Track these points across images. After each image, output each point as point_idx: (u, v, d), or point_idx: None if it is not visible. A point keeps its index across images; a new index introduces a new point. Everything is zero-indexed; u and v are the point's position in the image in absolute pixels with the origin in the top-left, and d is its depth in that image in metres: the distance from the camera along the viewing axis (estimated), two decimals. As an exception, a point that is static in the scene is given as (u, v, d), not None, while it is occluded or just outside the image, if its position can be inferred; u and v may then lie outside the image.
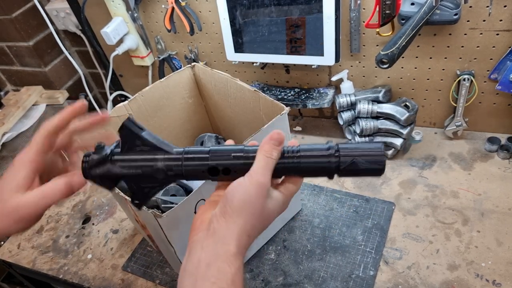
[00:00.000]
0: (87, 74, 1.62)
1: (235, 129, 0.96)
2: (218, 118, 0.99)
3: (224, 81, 0.85)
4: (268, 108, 0.79)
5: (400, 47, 0.86)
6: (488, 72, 0.93)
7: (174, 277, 0.86)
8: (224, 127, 1.01)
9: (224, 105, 0.91)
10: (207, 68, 0.87)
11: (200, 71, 0.89)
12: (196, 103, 0.96)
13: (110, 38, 1.18)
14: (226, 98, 0.88)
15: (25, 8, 1.35)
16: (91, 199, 1.11)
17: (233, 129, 0.97)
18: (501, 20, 0.85)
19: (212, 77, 0.87)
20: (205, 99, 0.96)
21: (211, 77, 0.88)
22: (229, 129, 1.00)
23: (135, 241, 0.96)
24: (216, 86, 0.87)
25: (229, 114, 0.93)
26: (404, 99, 0.98)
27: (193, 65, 0.90)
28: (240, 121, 0.91)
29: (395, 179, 0.98)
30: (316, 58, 1.02)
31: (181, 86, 0.91)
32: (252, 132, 0.71)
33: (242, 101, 0.85)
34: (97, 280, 0.89)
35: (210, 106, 0.97)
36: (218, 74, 0.85)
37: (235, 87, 0.84)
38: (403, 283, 0.77)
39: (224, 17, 1.05)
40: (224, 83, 0.85)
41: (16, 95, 1.48)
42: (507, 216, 0.84)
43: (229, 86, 0.85)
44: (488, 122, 1.02)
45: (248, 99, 0.82)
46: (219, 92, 0.88)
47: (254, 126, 0.84)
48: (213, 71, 0.86)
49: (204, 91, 0.93)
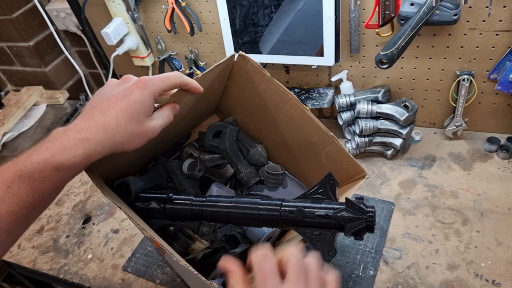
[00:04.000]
0: (87, 74, 1.62)
1: (261, 132, 0.84)
2: (240, 110, 0.84)
3: (286, 99, 0.71)
4: (335, 154, 0.70)
5: (400, 47, 0.86)
6: (488, 72, 0.93)
7: (175, 277, 0.86)
8: (244, 122, 0.86)
9: (263, 109, 0.77)
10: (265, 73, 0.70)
11: (250, 68, 0.72)
12: (220, 88, 0.80)
13: (111, 38, 1.18)
14: (275, 109, 0.75)
15: (25, 8, 1.35)
16: (92, 199, 1.11)
17: (259, 130, 0.85)
18: (500, 21, 0.85)
19: (267, 82, 0.71)
20: (232, 85, 0.78)
21: (265, 81, 0.72)
22: (249, 125, 0.86)
23: (136, 241, 0.96)
24: (266, 92, 0.73)
25: (262, 119, 0.80)
26: (403, 99, 0.98)
27: (241, 56, 0.71)
28: (278, 136, 0.80)
29: (394, 179, 0.98)
30: (316, 58, 1.02)
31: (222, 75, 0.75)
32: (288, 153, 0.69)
33: (297, 126, 0.73)
34: (97, 280, 0.89)
35: (232, 93, 0.80)
36: (281, 89, 0.70)
37: (297, 111, 0.71)
38: (403, 283, 0.77)
39: (224, 17, 1.05)
40: (284, 102, 0.72)
41: (16, 95, 1.48)
42: (506, 216, 0.84)
43: (290, 106, 0.72)
44: (488, 122, 1.02)
45: (310, 130, 0.71)
46: (268, 98, 0.74)
47: (301, 153, 0.77)
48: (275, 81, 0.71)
49: (238, 80, 0.76)
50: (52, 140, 0.51)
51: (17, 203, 0.49)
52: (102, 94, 0.57)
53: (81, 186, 1.15)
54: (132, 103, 0.54)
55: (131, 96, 0.54)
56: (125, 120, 0.53)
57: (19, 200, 0.49)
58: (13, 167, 0.49)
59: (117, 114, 0.53)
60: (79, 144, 0.51)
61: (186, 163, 0.77)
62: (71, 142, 0.51)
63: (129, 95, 0.54)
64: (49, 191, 0.51)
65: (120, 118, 0.53)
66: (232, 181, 0.84)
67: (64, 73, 1.53)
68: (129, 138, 0.55)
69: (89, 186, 1.14)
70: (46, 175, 0.49)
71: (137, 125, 0.55)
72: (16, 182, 0.48)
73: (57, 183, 0.51)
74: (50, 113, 1.45)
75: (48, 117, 1.44)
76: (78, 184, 1.16)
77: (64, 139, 0.51)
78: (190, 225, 0.72)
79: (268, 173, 0.80)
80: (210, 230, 0.70)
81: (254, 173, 0.82)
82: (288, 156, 0.82)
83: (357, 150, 1.04)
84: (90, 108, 0.55)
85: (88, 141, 0.51)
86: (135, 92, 0.55)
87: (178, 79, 0.60)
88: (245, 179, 0.81)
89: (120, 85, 0.57)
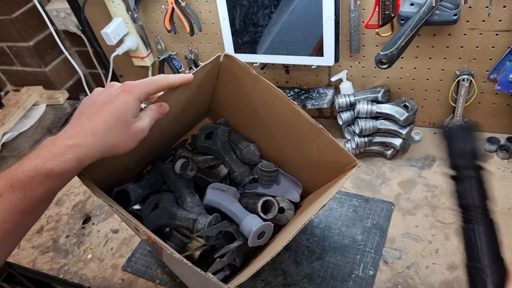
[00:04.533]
0: (87, 74, 1.62)
1: (253, 131, 0.85)
2: (231, 110, 0.85)
3: (274, 96, 0.71)
4: (326, 146, 0.70)
5: (400, 47, 0.86)
6: (488, 72, 0.93)
7: (175, 277, 0.86)
8: (235, 122, 0.87)
9: (252, 108, 0.77)
10: (252, 71, 0.71)
11: (236, 67, 0.71)
12: (209, 89, 0.80)
13: (110, 38, 1.18)
14: (264, 106, 0.75)
15: (25, 8, 1.35)
16: (91, 199, 1.11)
17: (250, 129, 0.85)
18: (500, 21, 0.85)
19: (254, 80, 0.71)
20: (220, 86, 0.79)
21: (251, 79, 0.72)
22: (238, 122, 0.86)
23: (135, 241, 0.96)
24: (254, 91, 0.74)
25: (253, 117, 0.80)
26: (403, 99, 0.98)
27: (227, 56, 0.70)
28: (271, 130, 0.80)
29: (394, 179, 0.98)
30: (315, 58, 1.02)
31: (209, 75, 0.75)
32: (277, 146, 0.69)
33: (286, 121, 0.74)
34: (97, 280, 0.89)
35: (221, 94, 0.80)
36: (268, 86, 0.70)
37: (285, 106, 0.71)
38: (403, 283, 0.77)
39: (224, 17, 1.05)
40: (272, 99, 0.72)
41: (16, 95, 1.48)
42: (506, 216, 0.84)
43: (278, 102, 0.72)
44: (488, 122, 1.02)
45: (299, 124, 0.72)
46: (256, 95, 0.74)
47: (288, 144, 0.78)
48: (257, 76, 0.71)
49: (225, 80, 0.76)
50: (41, 148, 0.52)
51: (11, 211, 0.49)
52: (88, 101, 0.58)
53: (81, 186, 1.15)
54: (119, 106, 0.55)
55: (117, 100, 0.55)
56: (113, 122, 0.54)
57: (12, 208, 0.49)
58: (4, 176, 0.50)
59: (105, 117, 0.54)
60: (68, 150, 0.51)
61: (178, 163, 0.79)
62: (60, 149, 0.51)
63: (115, 99, 0.55)
64: (42, 198, 0.52)
65: (108, 120, 0.54)
66: (226, 180, 0.85)
67: (64, 73, 1.53)
68: (119, 140, 0.56)
69: (89, 186, 1.14)
70: (38, 182, 0.50)
71: (125, 127, 0.56)
72: (8, 191, 0.49)
73: (49, 189, 0.52)
74: (50, 113, 1.45)
75: (48, 117, 1.44)
76: (78, 184, 1.16)
77: (53, 146, 0.52)
78: (185, 224, 0.73)
79: (262, 171, 0.81)
80: (205, 227, 0.70)
81: (248, 172, 0.83)
82: (280, 153, 0.83)
83: (357, 150, 1.04)
84: (78, 115, 0.56)
85: (77, 146, 0.52)
86: (121, 96, 0.56)
87: (164, 81, 0.61)
88: (239, 178, 0.82)
89: (105, 91, 0.58)
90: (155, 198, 0.79)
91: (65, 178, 0.53)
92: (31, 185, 0.49)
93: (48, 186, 0.51)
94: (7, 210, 0.49)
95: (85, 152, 0.52)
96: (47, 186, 0.51)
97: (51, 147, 0.52)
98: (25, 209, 0.50)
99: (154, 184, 0.81)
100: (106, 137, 0.54)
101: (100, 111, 0.55)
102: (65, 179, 0.53)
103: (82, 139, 0.52)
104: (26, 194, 0.50)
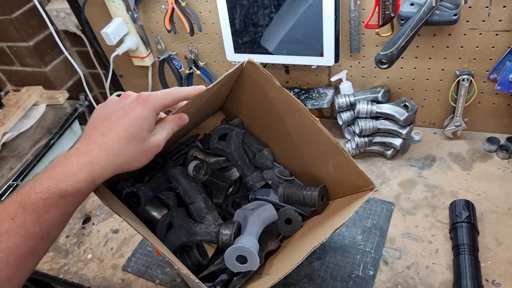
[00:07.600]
0: (87, 74, 1.62)
1: (267, 135, 0.84)
2: (246, 111, 0.83)
3: (295, 109, 0.70)
4: (343, 166, 0.69)
5: (400, 47, 0.86)
6: (488, 72, 0.93)
7: (175, 277, 0.86)
8: (250, 124, 0.86)
9: (270, 115, 0.76)
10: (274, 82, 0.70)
11: (259, 75, 0.71)
12: (227, 90, 0.79)
13: (110, 38, 1.18)
14: (283, 116, 0.74)
15: (25, 8, 1.35)
16: (91, 199, 1.11)
17: (264, 133, 0.84)
18: (500, 21, 0.85)
19: (277, 91, 0.70)
20: (238, 87, 0.77)
21: (274, 89, 0.71)
22: (255, 127, 0.85)
23: (135, 241, 0.96)
24: (275, 100, 0.72)
25: (268, 122, 0.79)
26: (403, 99, 0.98)
27: (250, 62, 0.69)
28: (286, 141, 0.79)
29: (394, 179, 0.98)
30: (315, 58, 1.02)
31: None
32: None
33: (305, 135, 0.73)
34: (97, 280, 0.89)
35: (238, 94, 0.79)
36: (291, 99, 0.69)
37: (306, 121, 0.69)
38: (403, 283, 0.77)
39: (224, 17, 1.05)
40: (292, 111, 0.71)
41: (16, 95, 1.48)
42: (506, 216, 0.84)
43: (298, 116, 0.70)
44: (488, 122, 1.02)
45: (318, 140, 0.70)
46: (277, 105, 0.73)
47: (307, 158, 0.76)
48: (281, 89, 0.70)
49: (247, 85, 0.75)
50: (54, 167, 0.50)
51: (24, 235, 0.47)
52: (102, 113, 0.56)
53: (81, 186, 1.15)
54: (134, 121, 0.53)
55: (131, 114, 0.53)
56: (128, 139, 0.52)
57: (25, 232, 0.47)
58: (16, 198, 0.48)
59: (119, 133, 0.52)
60: (82, 169, 0.49)
61: (191, 165, 0.76)
62: (73, 168, 0.49)
63: (130, 112, 0.53)
64: (57, 220, 0.50)
65: (122, 137, 0.52)
66: (236, 184, 0.84)
67: (64, 73, 1.53)
68: (133, 156, 0.54)
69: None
70: (51, 204, 0.48)
71: (140, 143, 0.54)
72: (20, 214, 0.47)
73: (64, 211, 0.50)
74: (50, 113, 1.45)
75: (48, 117, 1.44)
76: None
77: (66, 164, 0.50)
78: (208, 238, 0.70)
79: (279, 178, 0.79)
80: (231, 238, 0.67)
81: (260, 177, 0.81)
82: (293, 161, 0.81)
83: (357, 150, 1.04)
84: (90, 130, 0.54)
85: (90, 164, 0.50)
86: (136, 108, 0.53)
87: (179, 93, 0.59)
88: (250, 183, 0.81)
89: (119, 102, 0.55)
90: (166, 217, 0.75)
91: (78, 199, 0.51)
92: (44, 207, 0.47)
93: (63, 207, 0.49)
94: (20, 234, 0.47)
95: (98, 171, 0.51)
96: (61, 208, 0.49)
97: (64, 166, 0.49)
98: (39, 233, 0.48)
99: (163, 184, 0.78)
100: (120, 155, 0.52)
101: (114, 126, 0.52)
102: (79, 199, 0.51)
103: (96, 157, 0.50)
104: (39, 216, 0.47)
